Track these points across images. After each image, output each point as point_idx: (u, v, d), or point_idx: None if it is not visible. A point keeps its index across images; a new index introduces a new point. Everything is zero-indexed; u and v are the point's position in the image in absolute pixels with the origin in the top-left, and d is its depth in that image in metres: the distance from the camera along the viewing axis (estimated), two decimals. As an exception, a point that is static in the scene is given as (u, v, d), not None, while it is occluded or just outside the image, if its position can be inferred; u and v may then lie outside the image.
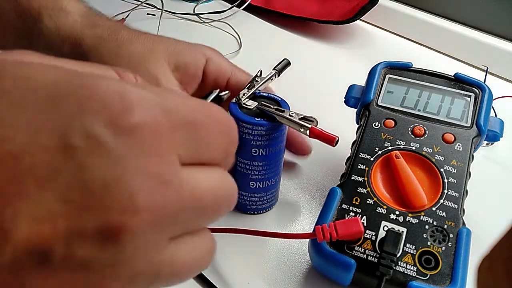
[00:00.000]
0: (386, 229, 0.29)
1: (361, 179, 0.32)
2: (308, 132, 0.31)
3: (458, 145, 0.33)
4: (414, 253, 0.28)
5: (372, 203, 0.30)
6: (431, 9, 0.66)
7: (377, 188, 0.31)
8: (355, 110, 0.38)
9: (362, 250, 0.28)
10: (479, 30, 0.61)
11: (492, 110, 0.36)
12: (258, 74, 0.34)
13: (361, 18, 0.64)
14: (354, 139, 0.35)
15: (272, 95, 0.34)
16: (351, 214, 0.30)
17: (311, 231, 0.28)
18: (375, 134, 0.34)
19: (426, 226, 0.29)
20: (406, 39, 0.66)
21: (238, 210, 0.36)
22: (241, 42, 0.62)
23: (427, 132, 0.34)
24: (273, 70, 0.35)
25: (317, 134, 0.30)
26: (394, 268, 0.27)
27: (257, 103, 0.33)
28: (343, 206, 0.31)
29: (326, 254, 0.29)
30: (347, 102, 0.39)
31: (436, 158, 0.32)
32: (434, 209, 0.30)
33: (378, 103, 0.36)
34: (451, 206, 0.30)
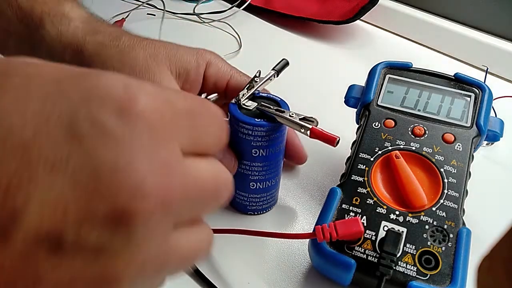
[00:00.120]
0: (386, 229, 0.29)
1: (361, 179, 0.32)
2: (308, 132, 0.31)
3: (458, 145, 0.33)
4: (414, 253, 0.28)
5: (372, 203, 0.30)
6: (431, 9, 0.66)
7: (377, 188, 0.31)
8: (355, 110, 0.38)
9: (362, 250, 0.28)
10: (479, 30, 0.61)
11: (492, 110, 0.36)
12: (257, 75, 0.34)
13: (361, 18, 0.64)
14: (354, 139, 0.35)
15: (271, 96, 0.34)
16: (351, 214, 0.30)
17: (311, 231, 0.28)
18: (375, 134, 0.34)
19: (426, 226, 0.29)
20: (406, 39, 0.66)
21: (238, 210, 0.36)
22: (241, 42, 0.62)
23: (427, 132, 0.34)
24: (272, 70, 0.35)
25: (317, 135, 0.30)
26: (394, 268, 0.27)
27: (256, 104, 0.33)
28: (343, 206, 0.31)
29: (326, 254, 0.29)
30: (347, 102, 0.39)
31: (436, 158, 0.32)
32: (434, 209, 0.30)
33: (378, 103, 0.36)
34: (451, 206, 0.30)
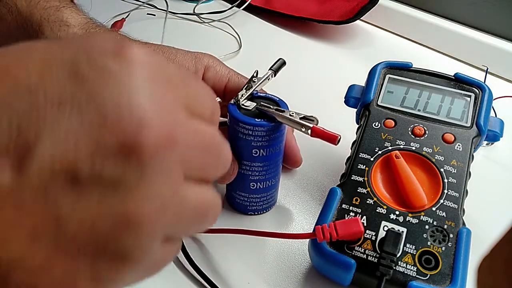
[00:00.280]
0: (386, 229, 0.29)
1: (361, 179, 0.32)
2: (309, 131, 0.30)
3: (458, 145, 0.33)
4: (414, 253, 0.28)
5: (372, 203, 0.30)
6: (431, 9, 0.66)
7: (377, 188, 0.31)
8: (355, 110, 0.38)
9: (362, 250, 0.28)
10: (479, 30, 0.61)
11: (492, 110, 0.36)
12: (255, 75, 0.34)
13: (361, 18, 0.64)
14: (354, 139, 0.35)
15: (269, 95, 0.34)
16: (351, 214, 0.30)
17: (311, 231, 0.28)
18: (375, 134, 0.34)
19: (426, 226, 0.29)
20: (406, 39, 0.66)
21: (238, 211, 0.36)
22: (241, 42, 0.62)
23: (427, 132, 0.34)
24: (269, 70, 0.35)
25: (318, 133, 0.30)
26: (394, 268, 0.27)
27: (255, 104, 0.33)
28: (343, 206, 0.31)
29: (326, 254, 0.29)
30: (347, 102, 0.39)
31: (436, 158, 0.32)
32: (434, 209, 0.30)
33: (378, 103, 0.36)
34: (451, 206, 0.30)
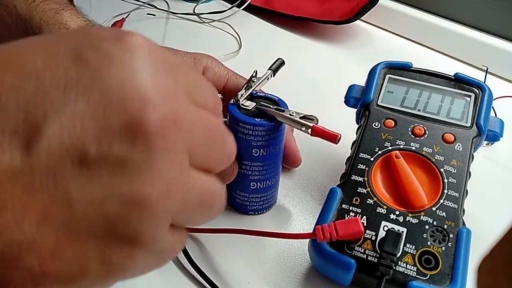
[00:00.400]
0: (386, 229, 0.29)
1: (361, 179, 0.32)
2: (309, 130, 0.30)
3: (458, 145, 0.33)
4: (414, 253, 0.28)
5: (372, 203, 0.30)
6: (431, 9, 0.66)
7: (377, 188, 0.31)
8: (355, 110, 0.38)
9: (362, 250, 0.28)
10: (479, 30, 0.61)
11: (492, 110, 0.36)
12: (254, 75, 0.34)
13: (361, 18, 0.64)
14: (354, 139, 0.35)
15: (269, 95, 0.34)
16: (351, 214, 0.30)
17: (311, 231, 0.28)
18: (375, 134, 0.34)
19: (426, 226, 0.29)
20: (406, 39, 0.66)
21: (238, 211, 0.36)
22: (241, 42, 0.62)
23: (427, 132, 0.34)
24: (268, 70, 0.35)
25: (319, 133, 0.30)
26: (394, 268, 0.27)
27: (255, 104, 0.33)
28: (343, 206, 0.31)
29: (326, 254, 0.29)
30: (347, 102, 0.39)
31: (436, 158, 0.32)
32: (434, 209, 0.30)
33: (378, 103, 0.36)
34: (451, 206, 0.30)
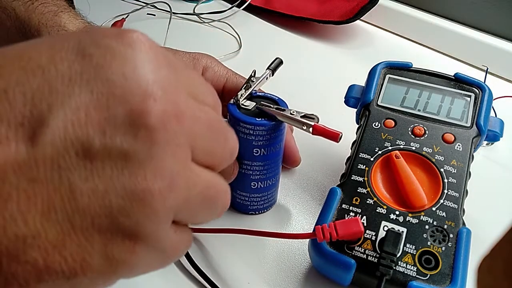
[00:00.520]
0: (386, 229, 0.29)
1: (361, 179, 0.32)
2: (311, 129, 0.30)
3: (458, 145, 0.33)
4: (414, 253, 0.28)
5: (372, 203, 0.30)
6: (431, 9, 0.66)
7: (377, 188, 0.31)
8: (355, 110, 0.38)
9: (362, 250, 0.28)
10: (479, 30, 0.61)
11: (492, 110, 0.36)
12: (253, 74, 0.34)
13: (361, 18, 0.64)
14: (354, 139, 0.35)
15: (268, 95, 0.34)
16: (351, 214, 0.30)
17: (311, 231, 0.28)
18: (375, 134, 0.34)
19: (426, 226, 0.29)
20: (406, 39, 0.66)
21: (239, 211, 0.36)
22: (241, 42, 0.62)
23: (427, 132, 0.34)
24: (267, 69, 0.35)
25: (320, 131, 0.30)
26: (394, 268, 0.27)
27: (255, 103, 0.33)
28: (343, 206, 0.31)
29: (326, 254, 0.29)
30: (347, 102, 0.39)
31: (436, 158, 0.32)
32: (434, 209, 0.30)
33: (378, 103, 0.36)
34: (451, 206, 0.30)
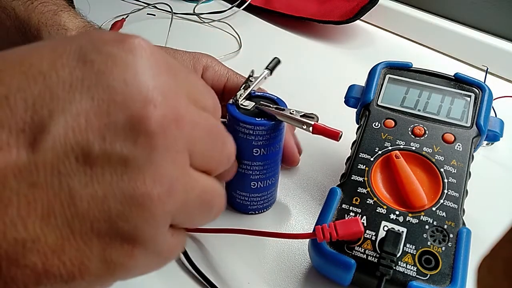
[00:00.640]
0: (386, 229, 0.29)
1: (361, 179, 0.32)
2: (311, 128, 0.30)
3: (458, 145, 0.33)
4: (414, 253, 0.28)
5: (372, 203, 0.30)
6: (431, 9, 0.66)
7: (377, 188, 0.31)
8: (355, 110, 0.38)
9: (362, 250, 0.28)
10: (479, 30, 0.61)
11: (492, 110, 0.36)
12: (251, 74, 0.34)
13: (361, 18, 0.64)
14: (354, 139, 0.35)
15: (267, 94, 0.34)
16: (351, 214, 0.30)
17: (311, 231, 0.28)
18: (375, 134, 0.34)
19: (426, 226, 0.29)
20: (406, 39, 0.66)
21: (239, 211, 0.36)
22: (241, 42, 0.62)
23: (427, 132, 0.34)
24: (265, 69, 0.35)
25: (320, 130, 0.30)
26: (394, 268, 0.27)
27: (254, 103, 0.33)
28: (343, 206, 0.31)
29: (326, 254, 0.29)
30: (347, 102, 0.39)
31: (436, 158, 0.32)
32: (434, 209, 0.30)
33: (378, 103, 0.36)
34: (451, 206, 0.30)
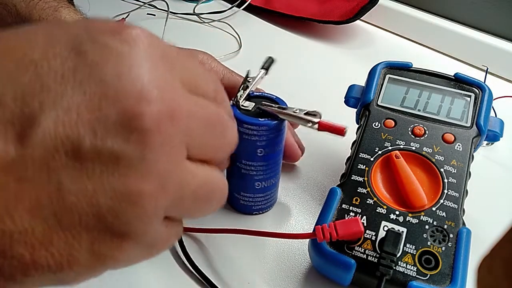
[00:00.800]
0: (386, 229, 0.29)
1: (361, 179, 0.32)
2: (316, 126, 0.30)
3: (458, 145, 0.33)
4: (414, 253, 0.28)
5: (372, 203, 0.30)
6: (431, 9, 0.66)
7: (377, 188, 0.31)
8: (355, 110, 0.38)
9: (362, 250, 0.28)
10: (479, 30, 0.61)
11: (492, 110, 0.36)
12: (248, 75, 0.34)
13: (361, 18, 0.64)
14: (354, 139, 0.35)
15: (265, 94, 0.34)
16: (351, 214, 0.30)
17: (311, 231, 0.28)
18: (375, 134, 0.34)
19: (426, 226, 0.29)
20: (406, 39, 0.66)
21: (243, 212, 0.36)
22: (241, 42, 0.62)
23: (427, 132, 0.34)
24: (261, 69, 0.35)
25: (326, 127, 0.30)
26: (394, 268, 0.27)
27: (254, 104, 0.33)
28: (343, 206, 0.31)
29: (326, 254, 0.29)
30: (347, 102, 0.39)
31: (436, 158, 0.32)
32: (434, 209, 0.30)
33: (378, 103, 0.36)
34: (451, 206, 0.30)
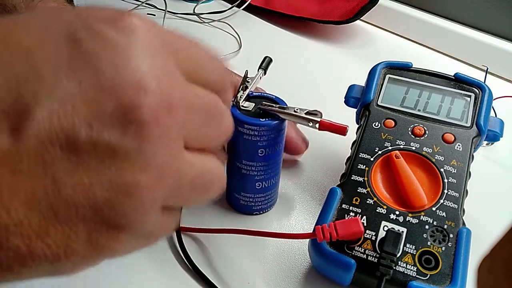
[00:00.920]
0: (386, 229, 0.29)
1: (361, 179, 0.32)
2: (317, 125, 0.30)
3: (458, 145, 0.33)
4: (414, 253, 0.28)
5: (372, 203, 0.30)
6: (431, 9, 0.66)
7: (377, 188, 0.31)
8: (355, 110, 0.38)
9: (362, 250, 0.28)
10: (479, 30, 0.61)
11: (492, 110, 0.36)
12: (246, 75, 0.34)
13: (361, 18, 0.64)
14: (354, 139, 0.35)
15: (265, 94, 0.34)
16: (351, 214, 0.30)
17: (311, 231, 0.28)
18: (375, 134, 0.34)
19: (426, 226, 0.29)
20: (406, 39, 0.66)
21: (243, 212, 0.36)
22: (241, 42, 0.62)
23: (427, 132, 0.34)
24: (259, 69, 0.35)
25: (327, 126, 0.30)
26: (394, 268, 0.27)
27: (254, 104, 0.33)
28: (343, 206, 0.31)
29: (326, 254, 0.29)
30: (347, 102, 0.39)
31: (436, 158, 0.32)
32: (434, 209, 0.30)
33: (378, 103, 0.36)
34: (451, 206, 0.30)
